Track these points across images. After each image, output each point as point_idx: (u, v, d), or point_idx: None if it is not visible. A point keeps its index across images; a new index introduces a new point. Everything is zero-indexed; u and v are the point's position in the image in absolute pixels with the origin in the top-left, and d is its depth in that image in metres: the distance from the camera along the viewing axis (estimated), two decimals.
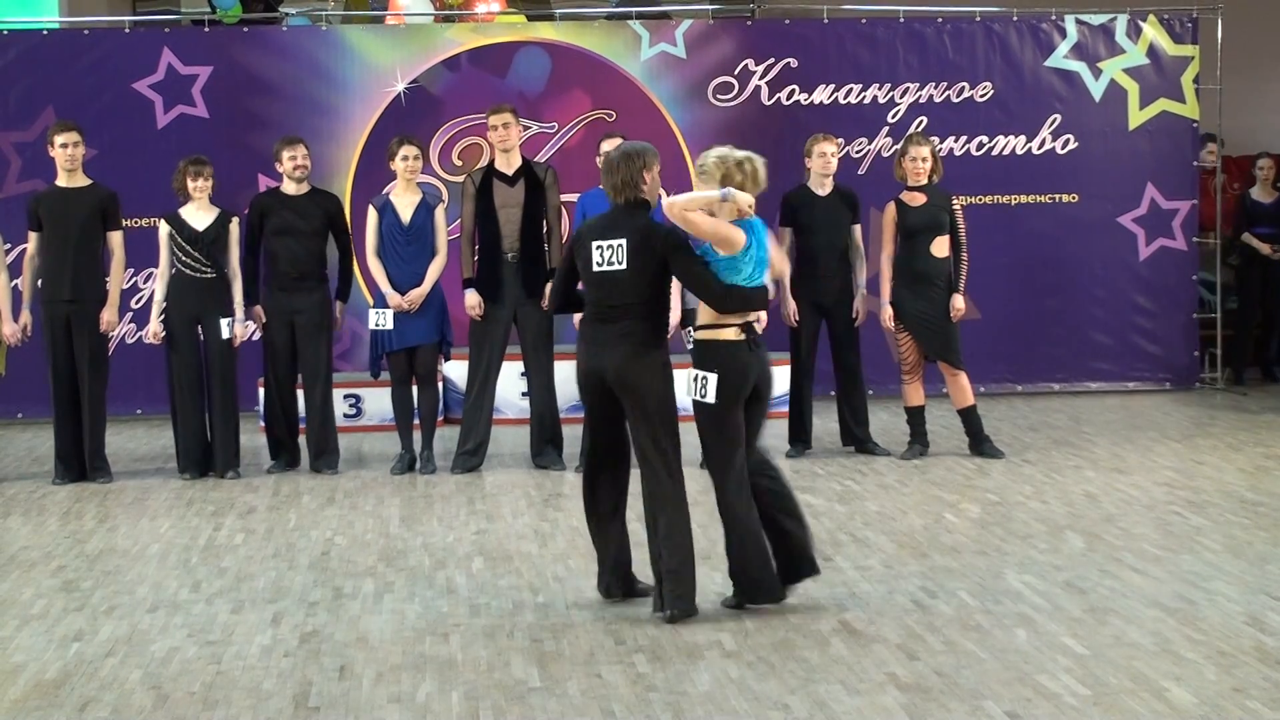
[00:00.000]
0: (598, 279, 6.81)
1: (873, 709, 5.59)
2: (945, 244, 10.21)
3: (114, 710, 5.75)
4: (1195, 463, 10.09)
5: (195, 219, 10.08)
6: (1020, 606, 6.83)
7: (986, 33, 13.05)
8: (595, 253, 6.80)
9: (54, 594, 7.40)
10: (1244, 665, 5.98)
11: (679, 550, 6.71)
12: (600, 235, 6.82)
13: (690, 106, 12.84)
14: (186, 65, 12.48)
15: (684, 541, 6.72)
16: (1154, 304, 13.15)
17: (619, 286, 6.76)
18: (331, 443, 10.30)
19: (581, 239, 6.90)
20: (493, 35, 13.00)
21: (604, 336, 6.79)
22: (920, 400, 10.38)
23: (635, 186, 6.87)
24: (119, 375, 11.11)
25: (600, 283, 6.81)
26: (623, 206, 6.88)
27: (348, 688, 5.95)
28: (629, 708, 5.65)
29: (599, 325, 6.83)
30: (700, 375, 6.73)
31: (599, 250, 6.79)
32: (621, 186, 6.87)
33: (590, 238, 6.85)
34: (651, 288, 6.78)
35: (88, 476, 10.09)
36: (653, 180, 6.93)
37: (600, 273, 6.79)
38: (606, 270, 6.77)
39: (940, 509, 8.85)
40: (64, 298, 10.00)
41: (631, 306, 6.76)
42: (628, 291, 6.75)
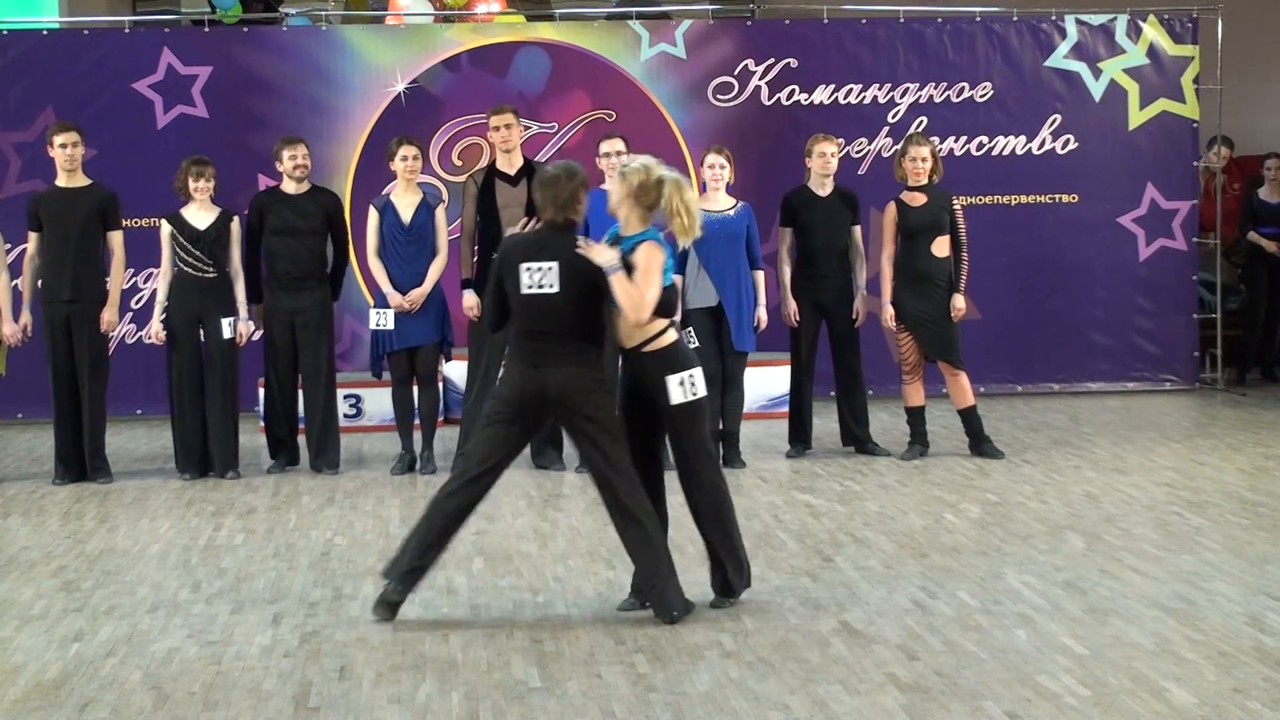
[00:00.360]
0: (528, 301, 6.71)
1: (873, 709, 5.59)
2: (946, 244, 10.21)
3: (114, 710, 5.75)
4: (1195, 463, 10.09)
5: (197, 219, 10.08)
6: (1020, 607, 6.83)
7: (986, 33, 13.05)
8: (524, 275, 6.70)
9: (54, 594, 7.40)
10: (1244, 665, 5.98)
11: (652, 563, 6.71)
12: (529, 256, 6.72)
13: (690, 107, 12.84)
14: (186, 65, 12.48)
15: (655, 554, 6.71)
16: (1154, 304, 13.15)
17: (552, 310, 6.68)
18: (332, 443, 10.30)
19: (509, 259, 6.75)
20: (493, 35, 13.00)
21: (542, 356, 6.69)
22: (920, 400, 10.38)
23: (572, 207, 6.79)
24: (119, 375, 11.12)
25: (531, 305, 6.71)
26: (552, 226, 6.77)
27: (348, 688, 5.95)
28: (629, 708, 5.65)
29: (535, 343, 6.71)
30: (687, 375, 6.71)
31: (528, 272, 6.70)
32: (563, 204, 6.76)
33: (518, 259, 6.73)
34: (585, 310, 6.69)
35: (88, 477, 10.09)
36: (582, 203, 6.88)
37: (531, 295, 6.70)
38: (537, 293, 6.69)
39: (940, 509, 8.85)
40: (64, 298, 10.00)
41: (567, 328, 6.68)
42: (562, 315, 6.67)
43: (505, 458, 6.83)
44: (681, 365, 6.73)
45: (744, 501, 9.12)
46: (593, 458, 6.74)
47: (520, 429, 6.82)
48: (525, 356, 6.74)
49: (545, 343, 6.70)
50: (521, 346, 6.77)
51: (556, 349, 6.68)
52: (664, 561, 6.73)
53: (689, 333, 10.00)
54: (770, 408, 11.94)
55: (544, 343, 6.70)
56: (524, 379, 6.71)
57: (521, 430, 6.83)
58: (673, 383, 6.71)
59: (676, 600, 6.69)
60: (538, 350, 6.70)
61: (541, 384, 6.68)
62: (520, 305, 6.73)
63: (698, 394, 6.72)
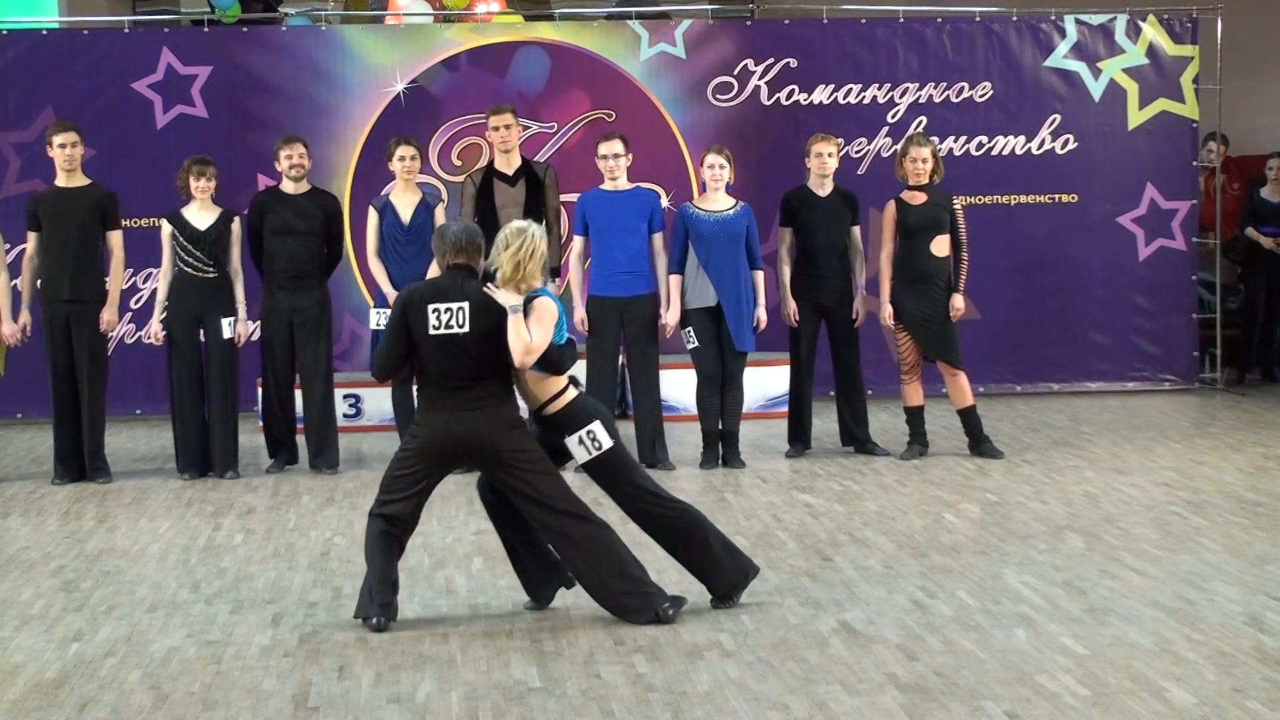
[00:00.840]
0: (437, 343, 6.65)
1: (872, 709, 5.59)
2: (945, 243, 10.21)
3: (113, 710, 5.75)
4: (1195, 463, 10.09)
5: (197, 219, 10.08)
6: (1020, 607, 6.83)
7: (986, 33, 13.05)
8: (432, 316, 6.65)
9: (53, 594, 7.40)
10: (1243, 665, 5.98)
11: (629, 567, 6.70)
12: (436, 298, 6.67)
13: (690, 106, 12.83)
14: (186, 65, 12.48)
15: (618, 566, 6.69)
16: (1153, 304, 13.15)
17: (462, 351, 6.64)
18: (331, 442, 10.30)
19: (414, 303, 6.68)
20: (492, 35, 13.00)
21: (457, 402, 6.64)
22: (919, 400, 10.38)
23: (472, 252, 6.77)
24: (118, 375, 11.12)
25: (441, 347, 6.65)
26: (455, 269, 6.75)
27: (347, 688, 5.95)
28: (628, 708, 5.65)
29: (448, 390, 6.66)
30: (584, 433, 6.71)
31: (435, 313, 6.64)
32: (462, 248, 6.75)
33: (426, 300, 6.67)
34: (495, 350, 6.65)
35: (87, 476, 10.09)
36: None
37: (440, 336, 6.64)
38: (445, 334, 6.64)
39: (940, 509, 8.85)
40: (63, 298, 9.99)
41: (478, 370, 6.65)
42: (472, 355, 6.64)
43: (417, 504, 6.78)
44: (580, 423, 6.73)
45: (743, 501, 9.12)
46: (525, 495, 6.68)
47: (433, 477, 6.80)
48: (440, 404, 6.69)
49: (458, 388, 6.66)
50: (435, 394, 6.71)
51: (470, 393, 6.65)
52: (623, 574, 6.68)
53: (689, 333, 10.02)
54: (770, 408, 11.93)
55: (457, 388, 6.66)
56: (445, 426, 6.66)
57: (434, 478, 6.81)
58: (573, 443, 6.73)
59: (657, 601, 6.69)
60: (452, 397, 6.66)
61: (467, 431, 6.63)
62: (430, 348, 6.67)
63: (601, 447, 6.72)
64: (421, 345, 6.70)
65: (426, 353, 6.70)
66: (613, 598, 6.70)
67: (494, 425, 6.64)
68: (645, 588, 6.71)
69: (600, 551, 6.69)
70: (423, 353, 6.71)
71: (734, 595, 6.91)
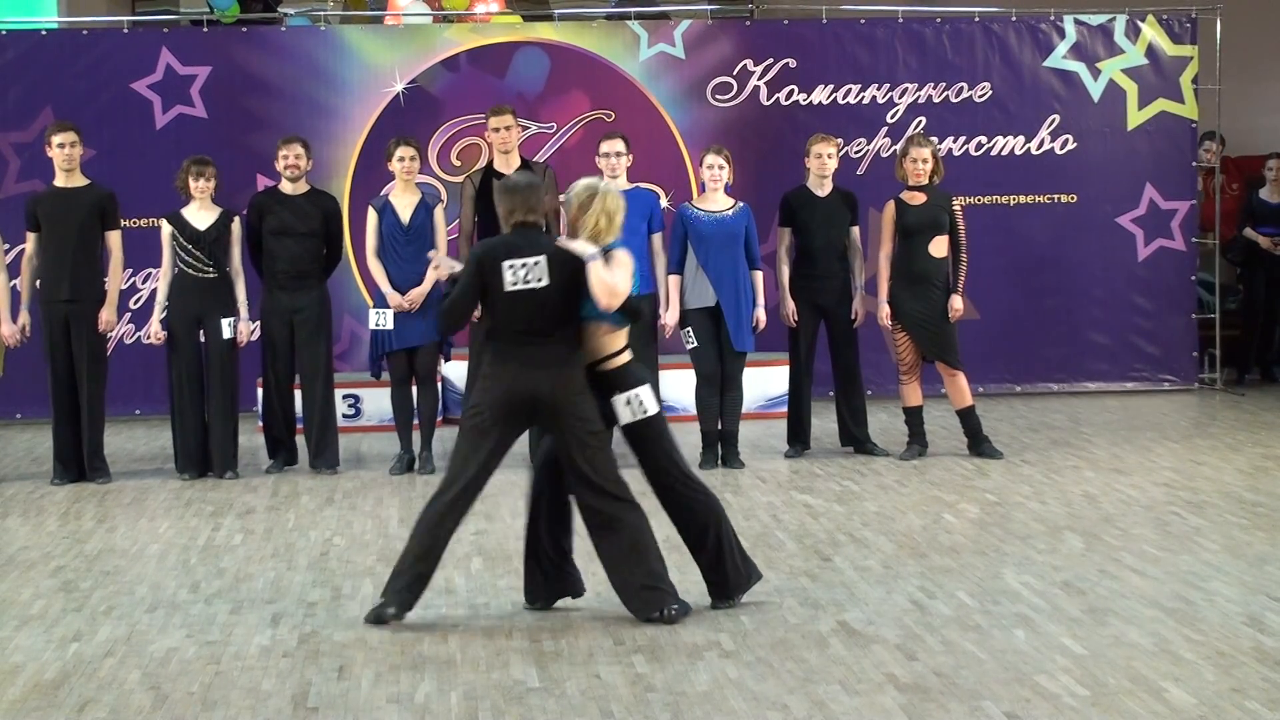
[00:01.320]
0: (514, 299, 6.67)
1: (871, 709, 5.59)
2: (944, 244, 10.21)
3: (112, 711, 5.75)
4: (1194, 463, 10.10)
5: (197, 219, 10.08)
6: (1019, 607, 6.83)
7: (985, 33, 13.05)
8: (508, 272, 6.67)
9: (53, 594, 7.40)
10: (1243, 666, 5.98)
11: (652, 561, 6.71)
12: (511, 254, 6.70)
13: (689, 107, 12.84)
14: (185, 65, 12.48)
15: (644, 557, 6.70)
16: (1153, 304, 13.15)
17: (540, 306, 6.66)
18: (331, 443, 10.30)
19: (491, 258, 6.71)
20: (491, 36, 13.00)
21: (533, 358, 6.66)
22: (918, 400, 10.38)
23: (540, 209, 6.84)
24: (118, 375, 11.13)
25: (518, 303, 6.67)
26: (525, 226, 6.78)
27: (347, 688, 5.95)
28: (628, 708, 5.66)
29: (525, 345, 6.68)
30: (632, 394, 6.73)
31: (512, 269, 6.66)
32: (533, 206, 6.78)
33: (500, 257, 6.70)
34: (571, 306, 6.69)
35: (86, 477, 10.09)
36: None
37: (517, 292, 6.66)
38: (524, 289, 6.66)
39: (939, 509, 8.85)
40: (62, 298, 9.99)
41: (556, 326, 6.68)
42: (551, 311, 6.67)
43: (488, 468, 6.76)
44: (629, 385, 6.74)
45: (743, 501, 9.12)
46: (575, 465, 6.69)
47: (504, 434, 6.76)
48: (515, 358, 6.69)
49: (535, 344, 6.67)
50: (509, 349, 6.71)
51: (543, 348, 6.66)
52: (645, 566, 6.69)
53: (688, 333, 10.02)
54: (769, 408, 11.94)
55: (534, 344, 6.67)
56: (514, 381, 6.67)
57: (505, 436, 6.77)
58: (619, 403, 6.74)
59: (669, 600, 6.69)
60: (528, 352, 6.67)
61: (533, 387, 6.64)
62: (506, 304, 6.69)
63: (647, 411, 6.73)
64: (497, 302, 6.71)
65: (502, 309, 6.71)
66: (629, 587, 6.70)
67: (562, 385, 6.65)
68: (662, 584, 6.72)
69: (633, 538, 6.69)
70: (498, 309, 6.72)
71: (735, 596, 6.91)
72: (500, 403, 6.70)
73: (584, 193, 6.79)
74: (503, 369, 6.71)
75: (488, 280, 6.73)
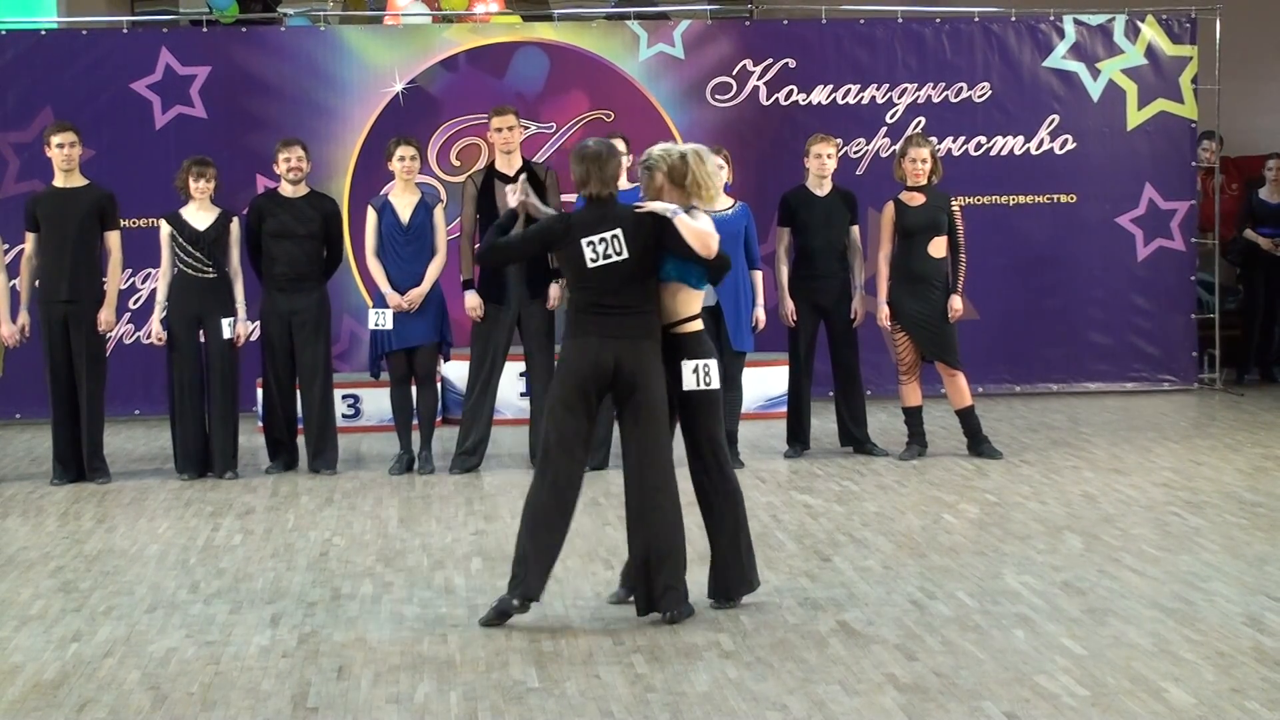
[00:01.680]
0: (597, 274, 6.72)
1: (871, 709, 5.59)
2: (943, 244, 10.21)
3: (112, 711, 5.75)
4: (1194, 463, 10.10)
5: (196, 219, 10.08)
6: (1019, 607, 6.83)
7: (985, 33, 13.05)
8: (588, 249, 6.72)
9: (52, 595, 7.40)
10: (1242, 666, 5.98)
11: (679, 557, 6.72)
12: (588, 230, 6.75)
13: (688, 107, 12.84)
14: (185, 65, 12.47)
15: (674, 552, 6.71)
16: (1152, 304, 13.15)
17: (622, 278, 6.70)
18: (330, 443, 10.30)
19: (569, 237, 6.76)
20: (491, 36, 13.00)
21: (615, 329, 6.70)
22: (918, 401, 10.38)
23: (615, 181, 6.89)
24: (117, 376, 11.13)
25: (600, 277, 6.73)
26: (598, 200, 6.83)
27: (346, 688, 5.95)
28: (627, 708, 5.65)
29: (607, 317, 6.72)
30: (702, 364, 6.76)
31: (591, 245, 6.72)
32: (609, 179, 6.84)
33: (577, 235, 6.75)
34: (651, 275, 6.75)
35: (86, 477, 10.09)
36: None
37: (599, 267, 6.72)
38: (606, 264, 6.71)
39: (939, 509, 8.85)
40: (61, 298, 9.99)
41: (638, 296, 6.73)
42: (633, 281, 6.71)
43: (585, 440, 6.80)
44: (700, 354, 6.78)
45: None
46: (638, 439, 6.71)
47: (590, 404, 6.78)
48: (596, 329, 6.71)
49: (617, 315, 6.71)
50: (590, 320, 6.74)
51: (630, 321, 6.70)
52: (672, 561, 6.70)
53: None
54: (768, 408, 11.94)
55: (615, 315, 6.71)
56: (597, 352, 6.69)
57: (591, 405, 6.79)
58: (687, 368, 6.76)
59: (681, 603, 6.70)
60: (609, 323, 6.71)
61: (615, 357, 6.67)
62: (589, 280, 6.73)
63: (711, 384, 6.76)
64: (578, 278, 6.76)
65: (581, 284, 6.75)
66: (650, 578, 6.68)
67: (646, 358, 6.69)
68: (680, 585, 6.72)
69: (669, 529, 6.69)
70: (577, 284, 6.77)
71: (735, 597, 6.90)
72: (583, 377, 6.72)
73: (679, 159, 6.84)
74: (584, 342, 6.73)
75: (565, 258, 6.78)
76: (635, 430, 6.72)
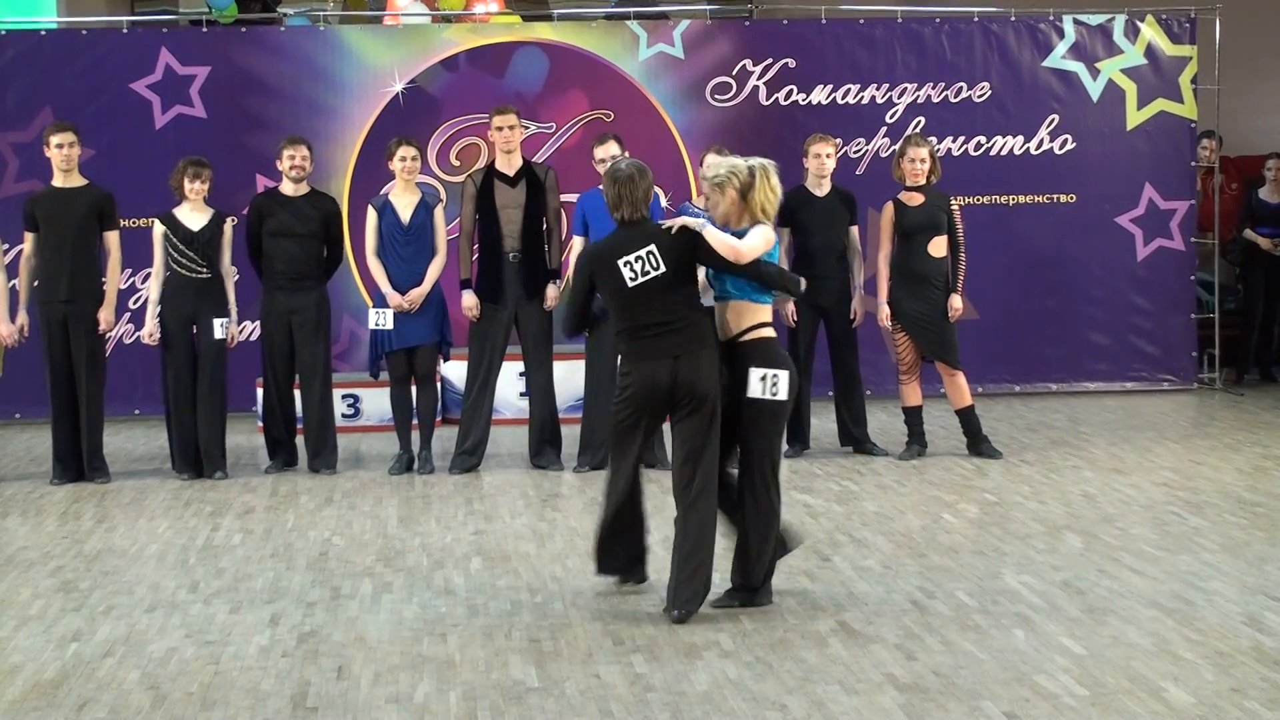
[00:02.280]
0: (638, 294, 6.74)
1: (871, 709, 5.59)
2: (943, 244, 10.22)
3: (112, 710, 5.75)
4: (1193, 463, 10.10)
5: (190, 219, 10.08)
6: (1018, 607, 6.83)
7: (984, 33, 13.05)
8: (625, 270, 6.75)
9: (52, 594, 7.40)
10: (1242, 665, 5.98)
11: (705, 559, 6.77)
12: (622, 252, 6.77)
13: (688, 107, 12.84)
14: (184, 65, 12.48)
15: (706, 554, 6.76)
16: (1152, 304, 13.15)
17: (664, 293, 6.73)
18: (330, 443, 10.30)
19: (604, 261, 6.80)
20: (491, 35, 13.00)
21: (672, 346, 6.72)
22: (918, 400, 10.39)
23: (646, 204, 6.94)
24: (116, 375, 11.12)
25: (641, 297, 6.74)
26: (629, 223, 6.86)
27: (346, 688, 5.95)
28: (627, 708, 5.66)
29: (659, 336, 6.73)
30: (771, 374, 6.78)
31: (628, 265, 6.74)
32: (640, 202, 6.88)
33: (612, 258, 6.77)
34: (692, 284, 6.83)
35: (85, 477, 10.09)
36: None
37: (639, 286, 6.74)
38: (645, 281, 6.73)
39: (938, 509, 8.85)
40: (61, 298, 9.99)
41: (684, 308, 6.77)
42: (675, 293, 6.75)
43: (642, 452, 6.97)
44: (770, 363, 6.80)
45: None
46: (692, 445, 6.74)
47: (650, 425, 6.93)
48: (654, 351, 6.74)
49: (669, 334, 6.73)
50: (643, 345, 6.76)
51: (681, 338, 6.73)
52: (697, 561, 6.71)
53: None
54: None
55: (668, 334, 6.73)
56: (656, 373, 6.72)
57: (650, 426, 6.95)
58: (754, 376, 6.80)
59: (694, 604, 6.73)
60: (664, 344, 6.73)
61: (672, 375, 6.72)
62: (630, 300, 6.76)
63: (778, 395, 6.78)
64: (619, 301, 6.78)
65: (625, 307, 6.78)
66: (680, 572, 6.71)
67: (705, 368, 6.73)
68: (701, 590, 6.75)
69: (701, 532, 6.72)
70: (622, 308, 6.79)
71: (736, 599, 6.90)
72: (641, 399, 6.79)
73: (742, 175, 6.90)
74: (639, 364, 6.78)
75: (603, 283, 6.82)
76: (686, 430, 6.76)
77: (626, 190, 6.87)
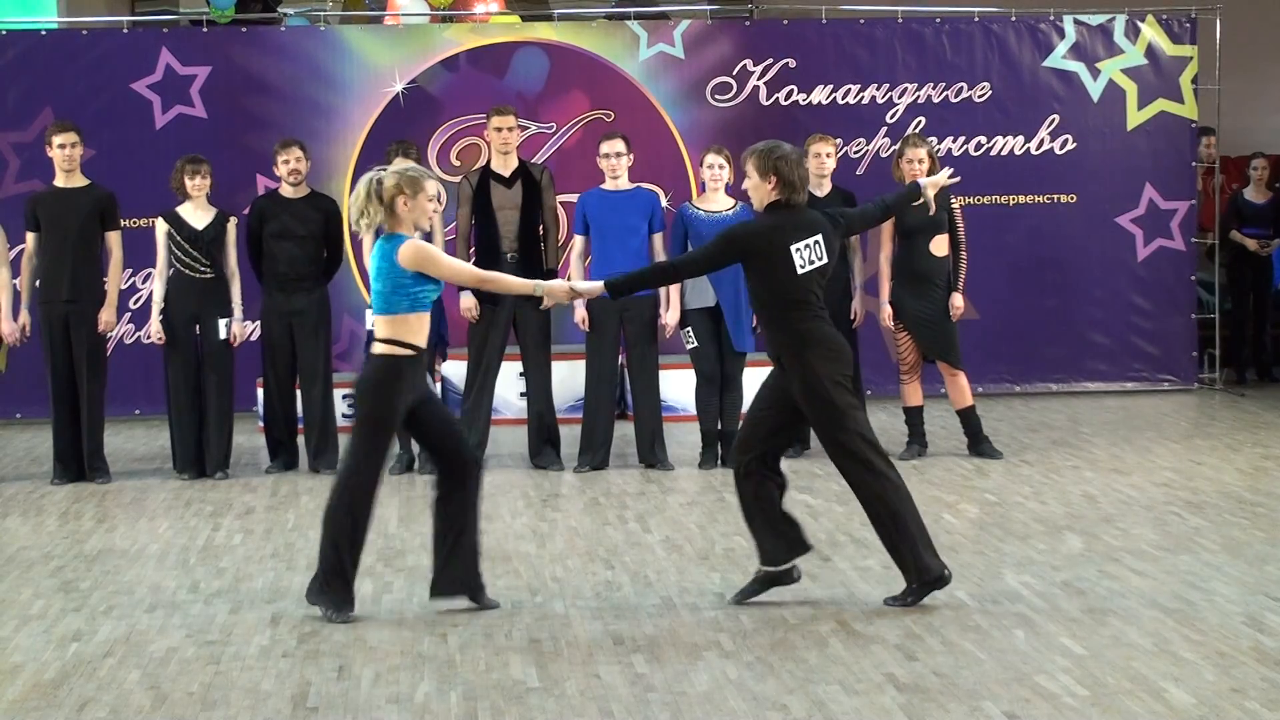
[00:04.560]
0: (806, 280, 6.86)
1: (871, 709, 5.59)
2: (944, 243, 10.22)
3: (112, 710, 5.75)
4: (1194, 463, 10.10)
5: (194, 218, 10.08)
6: (1018, 607, 6.83)
7: (985, 33, 13.05)
8: (796, 256, 6.84)
9: (52, 594, 7.40)
10: (1242, 666, 5.98)
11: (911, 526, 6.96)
12: (794, 237, 6.85)
13: (688, 107, 12.84)
14: (185, 65, 12.48)
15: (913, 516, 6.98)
16: (1152, 304, 13.16)
17: (821, 281, 6.91)
18: (330, 442, 10.30)
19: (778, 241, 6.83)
20: (491, 36, 13.00)
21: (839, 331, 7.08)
22: (918, 400, 10.39)
23: (806, 186, 7.05)
24: (117, 375, 11.13)
25: (811, 282, 6.88)
26: (801, 204, 6.97)
27: (346, 688, 5.95)
28: (627, 708, 5.66)
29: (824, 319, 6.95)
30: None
31: (798, 252, 6.84)
32: (800, 185, 6.97)
33: (787, 241, 6.83)
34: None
35: (86, 477, 10.09)
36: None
37: (808, 273, 6.85)
38: (811, 269, 6.86)
39: (939, 509, 8.85)
40: (62, 298, 10.00)
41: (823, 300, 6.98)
42: (825, 281, 6.96)
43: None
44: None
45: None
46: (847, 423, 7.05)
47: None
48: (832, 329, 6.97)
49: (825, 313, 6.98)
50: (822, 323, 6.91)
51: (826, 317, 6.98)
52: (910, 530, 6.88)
53: (688, 333, 10.02)
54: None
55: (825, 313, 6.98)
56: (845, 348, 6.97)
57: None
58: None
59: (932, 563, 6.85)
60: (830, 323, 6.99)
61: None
62: (799, 284, 6.84)
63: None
64: (786, 284, 6.85)
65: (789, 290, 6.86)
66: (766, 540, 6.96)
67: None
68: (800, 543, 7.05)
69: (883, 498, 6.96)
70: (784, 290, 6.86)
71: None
72: (847, 374, 6.99)
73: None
74: (834, 341, 6.92)
75: (772, 262, 6.86)
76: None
77: (789, 169, 6.96)
